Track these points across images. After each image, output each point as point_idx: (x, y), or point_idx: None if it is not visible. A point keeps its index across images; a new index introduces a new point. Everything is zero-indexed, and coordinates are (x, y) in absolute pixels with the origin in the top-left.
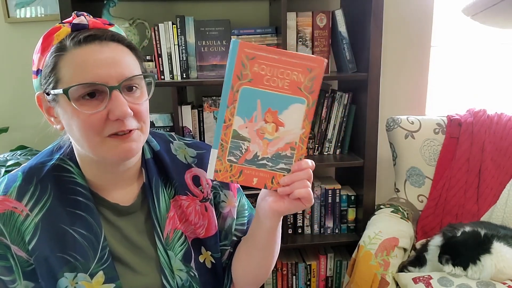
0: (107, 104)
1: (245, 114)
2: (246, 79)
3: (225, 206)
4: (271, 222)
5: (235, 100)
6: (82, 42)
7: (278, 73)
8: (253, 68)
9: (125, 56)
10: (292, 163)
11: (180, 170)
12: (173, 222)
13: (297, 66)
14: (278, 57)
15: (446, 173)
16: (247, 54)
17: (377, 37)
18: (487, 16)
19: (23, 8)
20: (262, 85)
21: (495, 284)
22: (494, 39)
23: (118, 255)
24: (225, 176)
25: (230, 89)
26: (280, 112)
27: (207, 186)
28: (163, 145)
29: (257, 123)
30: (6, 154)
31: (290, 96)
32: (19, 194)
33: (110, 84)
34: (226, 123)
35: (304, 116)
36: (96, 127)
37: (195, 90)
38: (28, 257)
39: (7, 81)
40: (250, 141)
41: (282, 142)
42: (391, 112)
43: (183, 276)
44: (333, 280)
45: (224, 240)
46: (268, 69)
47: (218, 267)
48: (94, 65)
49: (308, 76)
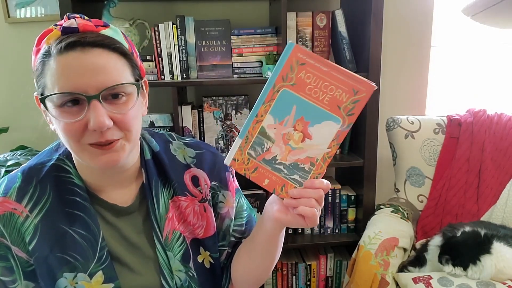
0: (86, 114)
1: (278, 115)
2: (290, 82)
3: (223, 206)
4: (272, 229)
5: (273, 99)
6: (63, 50)
7: (323, 86)
8: (299, 73)
9: (110, 62)
10: (307, 178)
11: (179, 171)
12: (172, 223)
13: (344, 84)
14: (328, 70)
15: (446, 173)
16: (298, 58)
17: (377, 37)
18: (487, 16)
19: (23, 8)
20: (303, 92)
21: (495, 284)
22: (494, 39)
23: (117, 255)
24: (241, 167)
25: (272, 87)
26: (312, 124)
27: (206, 187)
28: (162, 146)
29: (286, 128)
30: (6, 154)
31: (327, 112)
32: (18, 195)
33: (89, 93)
34: (258, 118)
35: (334, 136)
36: (75, 135)
37: (195, 90)
38: (28, 258)
39: (7, 81)
40: (274, 142)
41: (304, 154)
42: (391, 112)
43: (182, 277)
44: (333, 280)
45: (222, 240)
46: (313, 79)
47: (217, 268)
48: (73, 73)
49: (352, 97)
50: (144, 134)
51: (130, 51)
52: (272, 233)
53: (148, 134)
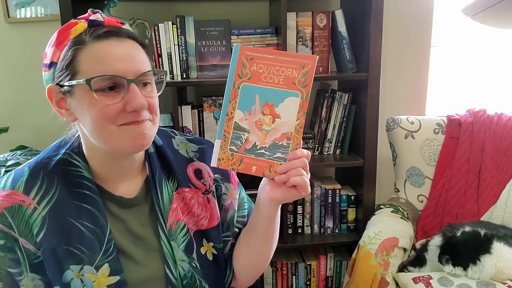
0: (124, 96)
1: (245, 107)
2: (246, 77)
3: (226, 198)
4: (269, 210)
5: (236, 95)
6: (101, 37)
7: (274, 71)
8: (251, 67)
9: (139, 52)
10: (288, 153)
11: (182, 164)
12: (176, 213)
13: (291, 63)
14: (274, 56)
15: (446, 173)
16: (246, 56)
17: (377, 37)
18: (487, 16)
19: (23, 8)
20: (260, 81)
21: (495, 284)
22: (494, 39)
23: (122, 248)
24: (227, 164)
25: (232, 86)
26: (277, 105)
27: (209, 179)
28: (165, 140)
29: (256, 116)
30: (6, 154)
31: (285, 90)
32: (26, 188)
33: (128, 77)
34: (229, 116)
35: (298, 108)
36: (111, 117)
37: (195, 90)
38: (36, 250)
39: (7, 81)
40: (249, 132)
41: (278, 133)
42: (391, 112)
43: (185, 267)
44: (333, 280)
45: (227, 231)
46: (265, 68)
47: (220, 259)
48: (113, 59)
49: (302, 71)
50: None
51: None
52: (269, 216)
53: None
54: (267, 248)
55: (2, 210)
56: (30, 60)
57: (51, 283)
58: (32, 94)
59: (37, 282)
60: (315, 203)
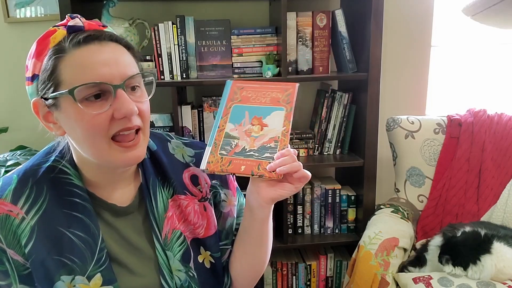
0: (112, 103)
1: (236, 121)
2: (236, 100)
3: (225, 205)
4: (263, 212)
5: (228, 113)
6: (81, 43)
7: (261, 95)
8: (242, 93)
9: (124, 55)
10: (276, 153)
11: (178, 170)
12: (171, 222)
13: (275, 89)
14: (260, 86)
15: (446, 173)
16: (237, 87)
17: (377, 37)
18: (487, 16)
19: (23, 8)
20: (249, 102)
21: (495, 284)
22: (494, 39)
23: (116, 256)
24: (216, 166)
25: (225, 107)
26: (264, 117)
27: (206, 186)
28: (160, 145)
29: (245, 126)
30: (6, 154)
31: (271, 107)
32: (14, 197)
33: (114, 83)
34: (220, 128)
35: (284, 118)
36: (101, 127)
37: (195, 90)
38: (24, 261)
39: (7, 81)
40: (239, 138)
41: (266, 137)
42: (391, 112)
43: (182, 277)
44: (333, 280)
45: (225, 239)
46: (253, 93)
47: (218, 267)
48: (96, 64)
49: (285, 93)
50: None
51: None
52: (263, 218)
53: None
54: (263, 251)
55: None
56: None
57: None
58: None
59: None
60: (315, 203)
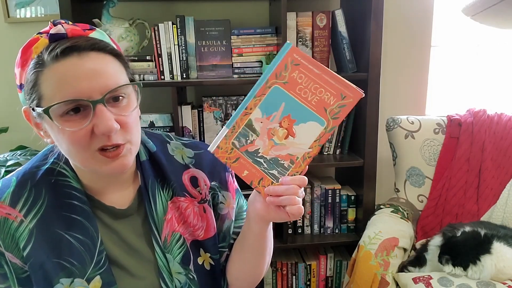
0: (92, 119)
1: (266, 110)
2: (282, 80)
3: (223, 207)
4: (259, 227)
5: (264, 94)
6: (59, 56)
7: (313, 88)
8: (292, 73)
9: (108, 64)
10: (285, 175)
11: (177, 171)
12: (171, 224)
13: (333, 88)
14: (320, 72)
15: (446, 173)
16: (293, 59)
17: (377, 37)
18: (487, 16)
19: (23, 8)
20: (293, 91)
21: (495, 284)
22: (494, 39)
23: (115, 259)
24: (223, 155)
25: (265, 82)
26: (297, 123)
27: (205, 187)
28: (159, 146)
29: (273, 123)
30: (6, 154)
31: (313, 113)
32: (12, 200)
33: (94, 98)
34: (247, 110)
35: (317, 137)
36: (82, 143)
37: (195, 90)
38: (23, 264)
39: (7, 81)
40: (258, 135)
41: (285, 151)
42: (391, 112)
43: (181, 279)
44: (333, 280)
45: (222, 242)
46: (305, 80)
47: (217, 269)
48: (74, 79)
49: (339, 102)
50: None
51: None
52: (260, 231)
53: (144, 135)
54: (261, 261)
55: None
56: None
57: None
58: None
59: None
60: (315, 203)
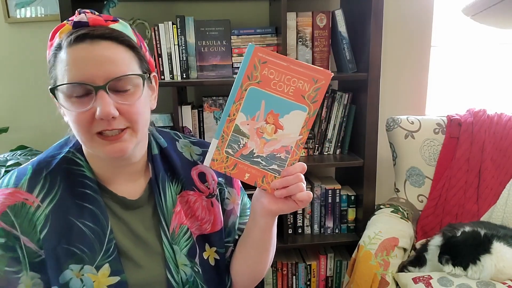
0: (93, 103)
1: (249, 112)
2: (255, 80)
3: (228, 203)
4: (265, 221)
5: (242, 97)
6: (73, 42)
7: (285, 79)
8: (263, 71)
9: (118, 54)
10: (284, 166)
11: (186, 167)
12: (179, 217)
13: (303, 75)
14: (287, 64)
15: (446, 173)
16: (260, 58)
17: (377, 37)
18: (487, 16)
19: (23, 8)
20: (269, 88)
21: (495, 284)
22: (494, 39)
23: (124, 249)
24: (220, 166)
25: (239, 87)
26: (282, 115)
27: (213, 183)
28: (169, 143)
29: (258, 122)
30: (6, 154)
31: (293, 102)
32: (29, 186)
33: (97, 83)
34: (230, 117)
35: (303, 123)
36: (84, 124)
37: (195, 90)
38: (37, 249)
39: (7, 81)
40: (249, 137)
41: (278, 144)
42: (391, 112)
43: (187, 271)
44: (333, 280)
45: (228, 237)
46: (276, 74)
47: (222, 265)
48: (82, 64)
49: (313, 86)
50: (153, 131)
51: (138, 44)
52: (266, 226)
53: (156, 131)
54: (264, 257)
55: (5, 208)
56: (30, 60)
57: (50, 282)
58: (32, 94)
59: (36, 280)
60: (315, 203)
